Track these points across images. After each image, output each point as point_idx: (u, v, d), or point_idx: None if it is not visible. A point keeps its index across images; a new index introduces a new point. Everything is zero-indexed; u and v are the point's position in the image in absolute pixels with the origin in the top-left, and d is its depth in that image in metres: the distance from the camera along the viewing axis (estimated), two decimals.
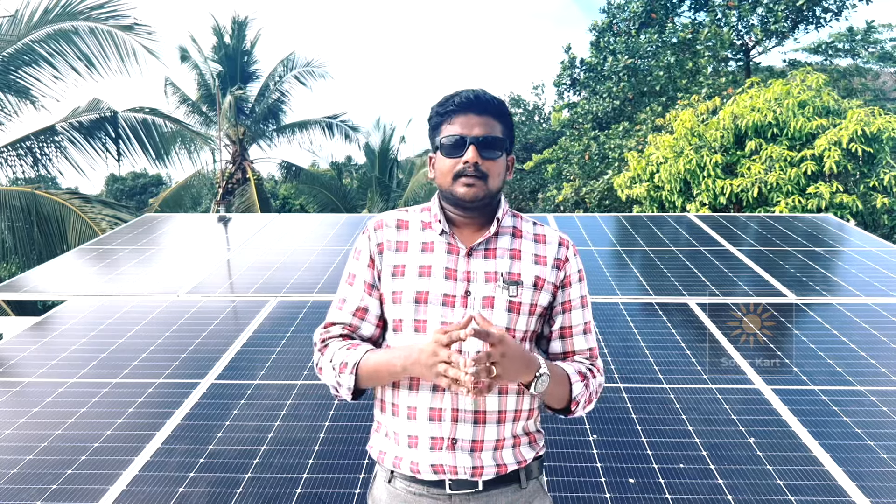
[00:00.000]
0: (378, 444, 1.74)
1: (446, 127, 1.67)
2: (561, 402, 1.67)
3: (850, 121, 9.39)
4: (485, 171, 1.64)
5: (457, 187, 1.65)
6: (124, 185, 33.92)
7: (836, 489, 2.72)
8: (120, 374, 3.74)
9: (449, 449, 1.62)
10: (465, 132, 1.64)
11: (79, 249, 5.99)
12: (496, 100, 1.68)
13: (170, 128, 13.65)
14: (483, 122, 1.65)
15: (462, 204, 1.67)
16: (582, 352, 1.75)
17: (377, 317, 1.75)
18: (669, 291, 4.81)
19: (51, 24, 10.80)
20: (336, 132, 21.69)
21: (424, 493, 1.65)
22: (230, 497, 2.71)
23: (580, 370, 1.69)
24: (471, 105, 1.65)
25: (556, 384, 1.62)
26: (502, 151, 1.68)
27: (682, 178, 10.45)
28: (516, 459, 1.67)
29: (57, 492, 2.75)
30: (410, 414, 1.65)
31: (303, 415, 3.31)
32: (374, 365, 1.63)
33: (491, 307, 1.64)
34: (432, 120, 1.72)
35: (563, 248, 1.75)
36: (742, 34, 16.92)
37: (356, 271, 1.76)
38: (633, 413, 3.30)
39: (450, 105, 1.67)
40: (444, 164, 1.67)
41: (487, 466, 1.62)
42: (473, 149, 1.63)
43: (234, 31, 21.45)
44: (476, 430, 1.62)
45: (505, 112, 1.70)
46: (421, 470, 1.63)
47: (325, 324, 1.78)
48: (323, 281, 5.06)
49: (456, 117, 1.66)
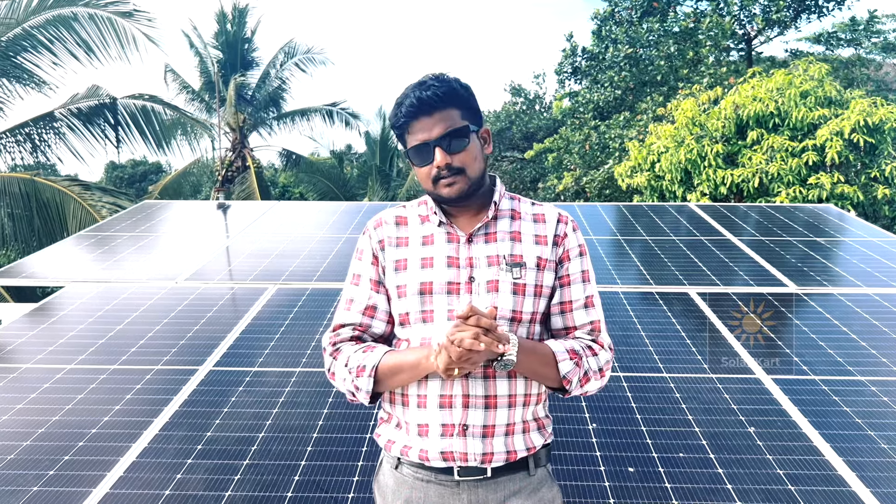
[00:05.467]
0: (386, 434, 1.73)
1: (408, 137, 1.66)
2: (551, 382, 1.65)
3: (853, 111, 9.35)
4: (460, 167, 1.63)
5: (440, 190, 1.65)
6: (124, 172, 33.87)
7: (836, 479, 2.71)
8: (118, 360, 3.73)
9: (460, 435, 1.61)
10: (426, 137, 1.62)
11: (78, 236, 5.97)
12: (441, 88, 1.62)
13: (170, 115, 13.62)
14: (438, 120, 1.62)
15: (451, 202, 1.67)
16: (583, 326, 1.71)
17: (387, 313, 1.74)
18: (670, 281, 4.80)
19: (50, 9, 10.74)
20: (336, 119, 21.66)
21: (432, 480, 1.65)
22: (228, 484, 2.70)
23: (571, 347, 1.65)
24: (418, 110, 1.62)
25: (539, 364, 1.61)
26: (468, 137, 1.64)
27: (682, 167, 10.41)
28: (526, 446, 1.66)
29: (54, 478, 2.74)
30: (420, 402, 1.64)
31: (301, 402, 3.30)
32: (394, 365, 1.62)
33: (496, 291, 1.63)
34: (395, 133, 1.70)
35: (562, 224, 1.73)
36: (744, 23, 16.84)
37: (360, 271, 1.75)
38: (633, 402, 3.29)
39: (400, 118, 1.65)
40: (420, 172, 1.67)
41: (497, 453, 1.62)
42: (439, 150, 1.61)
43: (235, 18, 21.37)
44: (487, 415, 1.62)
45: (455, 94, 1.64)
46: (430, 458, 1.62)
47: (334, 327, 1.75)
48: (322, 269, 5.05)
49: (411, 126, 1.64)
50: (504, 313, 1.62)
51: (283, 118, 21.51)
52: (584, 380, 1.66)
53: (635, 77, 15.77)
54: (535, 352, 1.61)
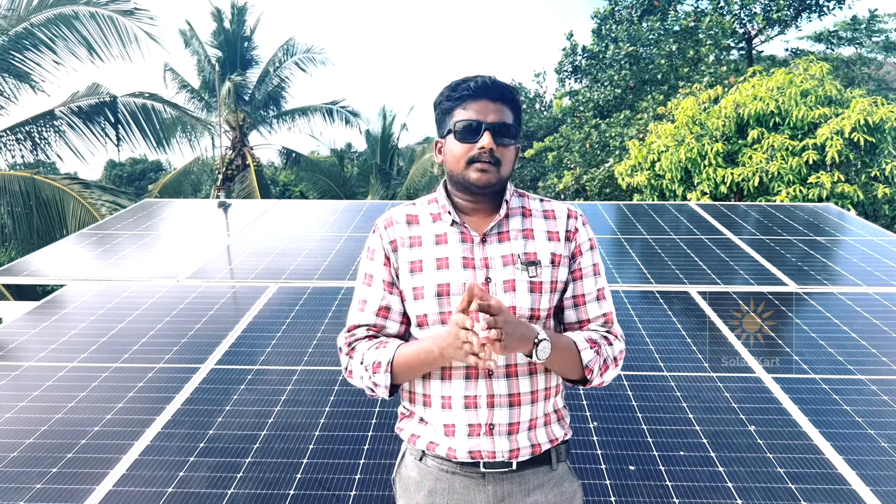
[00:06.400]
0: (410, 428, 1.74)
1: (459, 111, 1.65)
2: (574, 372, 1.66)
3: (853, 110, 9.36)
4: (499, 158, 1.63)
5: (470, 172, 1.64)
6: (123, 170, 33.87)
7: (837, 477, 2.72)
8: (120, 358, 3.73)
9: (487, 434, 1.63)
10: (481, 118, 1.62)
11: (78, 234, 5.97)
12: (510, 87, 1.67)
13: (170, 113, 13.61)
14: (498, 109, 1.64)
15: (473, 189, 1.66)
16: (597, 318, 1.74)
17: (401, 313, 1.73)
18: (670, 280, 4.80)
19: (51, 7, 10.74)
20: (336, 118, 21.67)
21: (458, 472, 1.66)
22: (230, 482, 2.71)
23: (590, 337, 1.68)
24: (486, 91, 1.64)
25: (562, 353, 1.62)
26: (514, 139, 1.67)
27: (683, 166, 10.42)
28: (549, 438, 1.69)
29: (56, 476, 2.75)
30: (445, 404, 1.65)
31: (303, 400, 3.30)
32: (409, 357, 1.62)
33: (513, 290, 1.64)
34: (443, 104, 1.69)
35: (573, 219, 1.74)
36: (744, 22, 16.84)
37: (373, 271, 1.74)
38: (634, 401, 3.30)
39: (464, 89, 1.65)
40: (458, 148, 1.65)
41: (523, 448, 1.64)
42: (489, 135, 1.61)
43: (234, 16, 21.37)
44: (512, 413, 1.63)
45: (517, 100, 1.70)
46: (458, 455, 1.64)
47: (349, 327, 1.75)
48: (323, 267, 5.05)
49: (470, 102, 1.64)
50: (523, 312, 1.63)
51: (283, 116, 21.51)
52: (604, 368, 1.68)
53: (635, 76, 15.77)
54: (560, 342, 1.63)
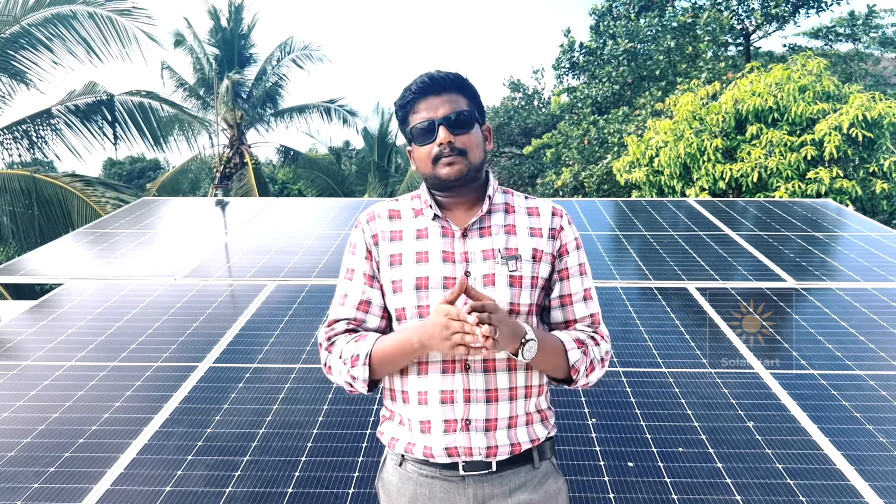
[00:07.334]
0: (389, 431, 1.74)
1: (412, 116, 1.67)
2: (560, 372, 1.66)
3: (851, 106, 9.36)
4: (461, 148, 1.64)
5: (439, 170, 1.65)
6: (122, 169, 33.85)
7: (835, 473, 2.72)
8: (118, 356, 3.73)
9: (463, 430, 1.62)
10: (431, 115, 1.64)
11: (76, 233, 5.97)
12: (451, 75, 1.68)
13: (167, 112, 13.58)
14: (445, 101, 1.65)
15: (448, 184, 1.66)
16: (583, 318, 1.74)
17: (381, 308, 1.74)
18: (669, 276, 4.80)
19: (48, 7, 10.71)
20: (334, 116, 21.65)
21: (437, 476, 1.65)
22: (228, 480, 2.71)
23: (577, 338, 1.68)
24: (428, 88, 1.65)
25: (549, 352, 1.62)
26: (473, 123, 1.67)
27: (681, 162, 10.41)
28: (529, 438, 1.67)
29: (54, 474, 2.75)
30: (421, 399, 1.64)
31: (301, 398, 3.30)
32: (387, 349, 1.62)
33: (492, 284, 1.64)
34: (398, 114, 1.72)
35: (557, 217, 1.74)
36: (742, 18, 16.84)
37: (354, 265, 1.75)
38: (633, 397, 3.30)
39: (408, 94, 1.67)
40: (421, 152, 1.67)
41: (502, 446, 1.63)
42: (443, 129, 1.63)
43: (231, 14, 21.32)
44: (489, 409, 1.62)
45: (464, 84, 1.70)
46: (434, 454, 1.63)
47: (329, 322, 1.76)
48: (321, 265, 5.05)
49: (418, 104, 1.66)
50: (502, 306, 1.62)
51: (281, 115, 21.48)
52: (590, 369, 1.68)
53: (633, 72, 15.76)
54: (547, 342, 1.62)
